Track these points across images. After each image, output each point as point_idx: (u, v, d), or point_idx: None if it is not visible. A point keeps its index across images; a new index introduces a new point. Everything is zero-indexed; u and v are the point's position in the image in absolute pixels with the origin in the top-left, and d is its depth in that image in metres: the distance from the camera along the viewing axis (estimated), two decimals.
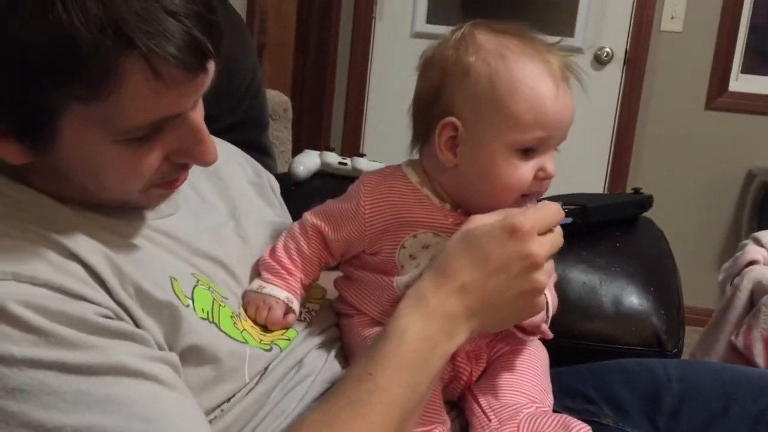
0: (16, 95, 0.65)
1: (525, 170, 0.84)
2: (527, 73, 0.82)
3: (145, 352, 0.69)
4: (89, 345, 0.65)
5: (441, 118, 0.85)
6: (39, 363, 0.63)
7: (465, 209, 0.88)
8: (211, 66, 0.69)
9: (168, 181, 0.77)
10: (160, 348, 0.73)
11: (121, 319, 0.70)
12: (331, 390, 0.78)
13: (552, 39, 0.87)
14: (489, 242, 0.78)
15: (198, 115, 0.74)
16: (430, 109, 0.87)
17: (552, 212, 0.82)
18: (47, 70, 0.62)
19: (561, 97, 0.83)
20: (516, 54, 0.83)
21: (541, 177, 0.85)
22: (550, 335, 0.90)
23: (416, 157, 0.92)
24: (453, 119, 0.84)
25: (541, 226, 0.80)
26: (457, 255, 0.79)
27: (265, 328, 0.87)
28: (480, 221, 0.81)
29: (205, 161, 0.76)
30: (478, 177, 0.85)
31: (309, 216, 0.93)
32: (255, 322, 0.87)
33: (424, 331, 0.76)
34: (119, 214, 0.79)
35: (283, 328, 0.88)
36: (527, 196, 0.86)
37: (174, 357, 0.73)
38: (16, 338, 0.63)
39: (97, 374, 0.65)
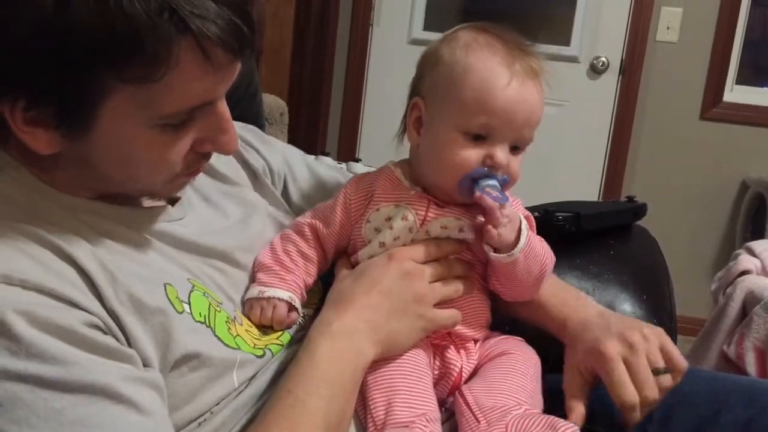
0: (69, 78, 0.66)
1: (470, 154, 0.88)
2: (481, 63, 0.87)
3: (126, 372, 0.68)
4: (69, 360, 0.65)
5: (413, 98, 0.93)
6: (16, 375, 0.63)
7: (428, 191, 0.93)
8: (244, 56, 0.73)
9: (190, 171, 0.80)
10: (146, 363, 0.72)
11: (109, 328, 0.70)
12: (261, 410, 0.81)
13: (543, 47, 0.93)
14: (374, 268, 0.90)
15: (226, 109, 0.77)
16: (410, 93, 0.94)
17: (433, 246, 0.92)
18: (106, 51, 0.65)
19: (514, 87, 0.86)
20: (480, 46, 0.88)
21: (489, 164, 0.88)
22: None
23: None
24: (418, 99, 0.91)
25: (419, 255, 0.91)
26: (350, 285, 0.90)
27: (265, 330, 0.88)
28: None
29: (228, 150, 0.80)
30: (430, 155, 0.91)
31: (301, 218, 0.98)
32: (260, 324, 0.88)
33: (332, 348, 0.83)
34: (125, 214, 0.80)
35: (288, 327, 0.90)
36: (480, 180, 0.88)
37: (157, 376, 0.72)
38: None
39: (72, 392, 0.64)
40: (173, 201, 0.88)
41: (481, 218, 0.92)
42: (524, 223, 0.92)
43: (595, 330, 0.94)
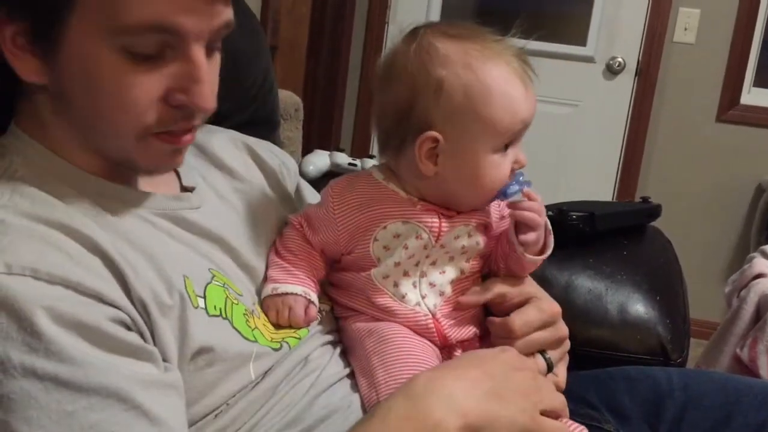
0: None
1: (505, 167, 0.89)
2: (497, 79, 0.85)
3: (143, 376, 0.68)
4: (87, 361, 0.65)
5: (418, 132, 0.87)
6: (33, 373, 0.63)
7: (445, 207, 0.90)
8: (228, 7, 0.72)
9: (167, 132, 0.75)
10: (166, 358, 0.72)
11: (135, 322, 0.70)
12: None
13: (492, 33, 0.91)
14: (481, 353, 0.85)
15: (201, 55, 0.73)
16: (402, 123, 0.88)
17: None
18: None
19: (529, 94, 0.87)
20: (481, 61, 0.86)
21: (516, 168, 0.90)
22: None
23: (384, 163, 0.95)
24: (433, 133, 0.86)
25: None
26: (450, 361, 0.85)
27: (283, 327, 0.87)
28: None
29: (202, 103, 0.74)
30: (463, 181, 0.88)
31: (294, 217, 0.96)
32: (279, 325, 0.87)
33: (410, 410, 0.73)
34: (146, 199, 0.79)
35: (307, 324, 0.88)
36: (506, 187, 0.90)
37: (175, 376, 0.72)
38: (17, 341, 0.63)
39: (86, 394, 0.64)
40: (189, 191, 0.88)
41: (481, 219, 0.92)
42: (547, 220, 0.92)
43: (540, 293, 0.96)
